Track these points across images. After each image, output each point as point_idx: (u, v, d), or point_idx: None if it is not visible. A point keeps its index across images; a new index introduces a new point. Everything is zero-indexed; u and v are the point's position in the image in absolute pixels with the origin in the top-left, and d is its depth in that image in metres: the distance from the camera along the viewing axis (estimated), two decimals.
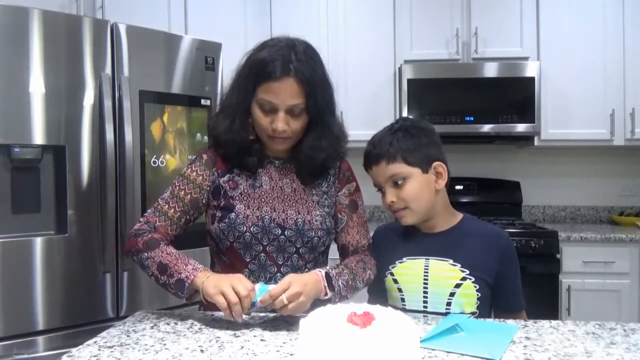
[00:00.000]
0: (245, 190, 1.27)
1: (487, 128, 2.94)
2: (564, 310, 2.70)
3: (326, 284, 1.15)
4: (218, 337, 1.08)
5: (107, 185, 1.89)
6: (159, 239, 1.22)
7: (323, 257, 1.35)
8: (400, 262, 1.28)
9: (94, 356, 0.98)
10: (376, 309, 0.90)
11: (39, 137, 1.79)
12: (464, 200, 3.24)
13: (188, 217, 1.29)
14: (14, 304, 1.73)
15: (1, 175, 1.76)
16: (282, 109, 1.19)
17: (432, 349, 1.00)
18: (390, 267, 1.29)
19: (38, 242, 1.78)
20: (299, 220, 1.26)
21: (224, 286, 1.07)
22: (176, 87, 2.12)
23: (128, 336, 1.10)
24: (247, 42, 3.04)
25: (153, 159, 2.05)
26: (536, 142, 3.04)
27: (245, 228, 1.23)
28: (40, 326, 1.77)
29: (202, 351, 1.00)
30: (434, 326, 1.11)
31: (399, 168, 1.22)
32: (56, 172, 1.85)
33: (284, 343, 1.04)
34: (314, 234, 1.27)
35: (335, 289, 1.17)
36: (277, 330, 1.12)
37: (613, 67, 2.98)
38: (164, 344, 1.04)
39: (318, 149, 1.27)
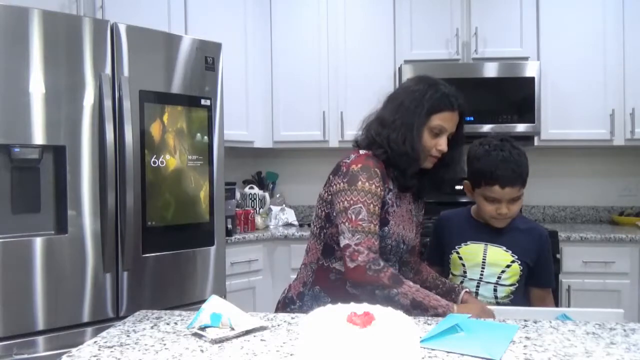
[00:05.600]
0: (393, 209, 1.45)
1: (487, 128, 2.94)
2: None
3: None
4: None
5: (107, 185, 1.89)
6: (397, 273, 1.37)
7: None
8: (465, 245, 1.62)
9: (94, 356, 0.98)
10: (376, 309, 0.90)
11: (39, 137, 1.79)
12: (465, 200, 3.23)
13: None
14: (14, 304, 1.73)
15: (1, 175, 1.76)
16: (447, 134, 1.44)
17: (432, 349, 1.00)
18: (456, 247, 1.63)
19: (38, 242, 1.78)
20: (411, 238, 1.53)
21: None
22: (176, 87, 2.13)
23: (128, 336, 1.10)
24: (247, 42, 3.05)
25: (153, 159, 2.05)
26: (536, 142, 3.04)
27: (390, 241, 1.43)
28: (40, 326, 1.77)
29: (202, 351, 1.00)
30: (434, 326, 1.11)
31: (522, 191, 1.56)
32: (56, 172, 1.86)
33: (284, 343, 1.04)
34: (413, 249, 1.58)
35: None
36: (277, 330, 1.12)
37: (613, 67, 2.98)
38: (164, 344, 1.04)
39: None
